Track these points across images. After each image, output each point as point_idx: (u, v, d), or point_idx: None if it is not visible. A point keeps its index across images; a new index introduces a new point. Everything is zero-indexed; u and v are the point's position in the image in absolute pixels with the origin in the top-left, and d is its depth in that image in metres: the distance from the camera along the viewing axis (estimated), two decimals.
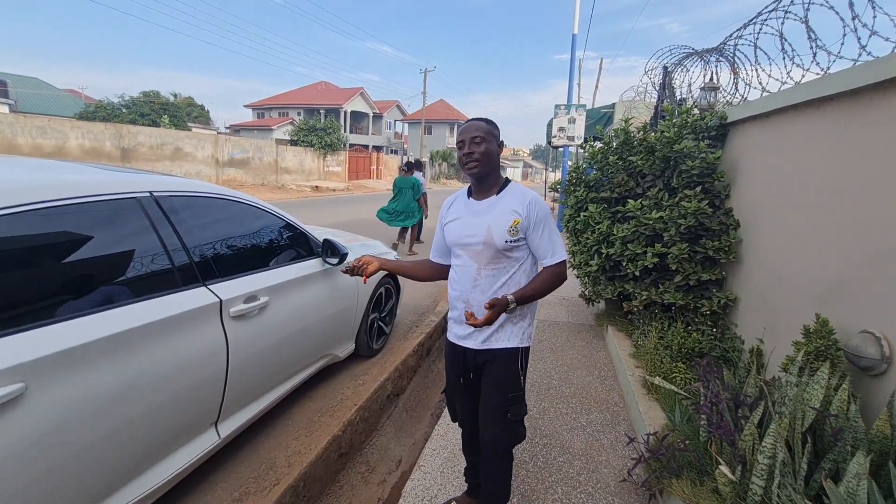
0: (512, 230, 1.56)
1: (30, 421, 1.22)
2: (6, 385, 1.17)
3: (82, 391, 1.35)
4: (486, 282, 1.60)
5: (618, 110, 10.85)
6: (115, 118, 19.32)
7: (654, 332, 3.11)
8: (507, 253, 1.58)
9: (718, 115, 3.35)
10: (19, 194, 1.34)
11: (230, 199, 2.17)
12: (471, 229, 1.61)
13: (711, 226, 3.15)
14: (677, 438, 1.97)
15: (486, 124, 1.59)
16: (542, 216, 1.60)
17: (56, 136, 13.68)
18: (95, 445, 1.40)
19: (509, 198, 1.61)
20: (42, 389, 1.25)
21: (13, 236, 1.31)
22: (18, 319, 1.27)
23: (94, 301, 1.46)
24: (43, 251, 1.40)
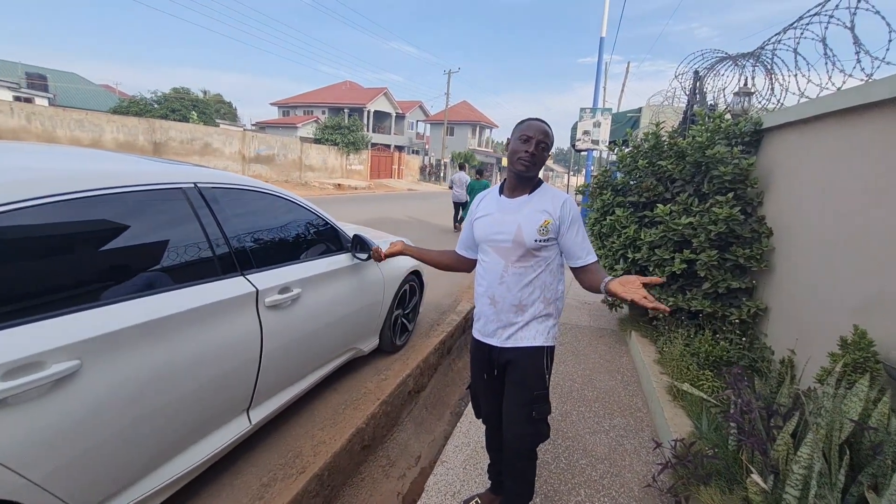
0: (542, 230, 1.57)
1: (84, 397, 1.29)
2: (65, 361, 1.23)
3: (130, 371, 1.41)
4: (512, 279, 1.61)
5: (644, 115, 10.70)
6: (147, 113, 19.93)
7: (680, 339, 3.07)
8: (535, 252, 1.59)
9: (753, 120, 3.29)
10: (81, 182, 1.42)
11: (267, 192, 2.23)
12: (501, 227, 1.62)
13: (743, 233, 3.09)
14: (705, 446, 1.94)
15: (551, 133, 1.62)
16: (576, 217, 1.61)
17: (93, 129, 14.20)
18: (140, 423, 1.47)
19: (540, 198, 1.63)
20: (95, 367, 1.31)
21: (72, 221, 1.39)
22: (75, 300, 1.34)
23: (142, 285, 1.53)
24: (97, 236, 1.47)
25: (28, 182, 1.30)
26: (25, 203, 1.25)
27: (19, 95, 20.31)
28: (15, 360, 1.14)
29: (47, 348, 1.20)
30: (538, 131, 1.57)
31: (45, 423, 1.20)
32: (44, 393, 1.20)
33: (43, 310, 1.25)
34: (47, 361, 1.20)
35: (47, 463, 1.21)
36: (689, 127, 3.86)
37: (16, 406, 1.15)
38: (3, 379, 1.11)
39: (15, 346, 1.15)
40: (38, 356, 1.18)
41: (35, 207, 1.27)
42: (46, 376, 1.18)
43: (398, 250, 2.12)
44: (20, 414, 1.15)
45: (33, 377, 1.16)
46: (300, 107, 38.37)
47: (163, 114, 20.49)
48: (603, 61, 12.05)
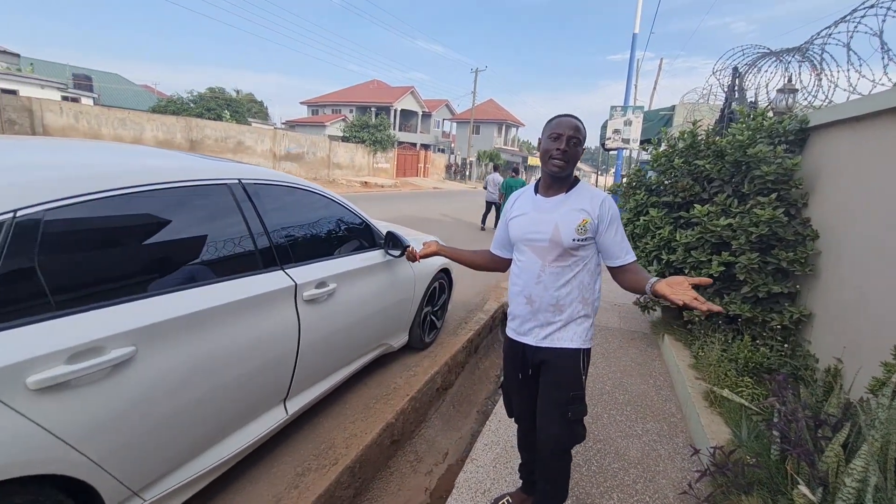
0: (580, 229, 1.54)
1: (137, 381, 1.35)
2: (122, 347, 1.30)
3: (179, 358, 1.47)
4: (549, 278, 1.59)
5: (678, 113, 10.40)
6: (184, 112, 20.65)
7: (717, 343, 2.98)
8: (573, 251, 1.57)
9: (799, 118, 3.15)
10: (136, 177, 1.48)
11: (305, 188, 2.28)
12: (537, 226, 1.60)
13: (786, 235, 2.97)
14: (746, 454, 1.89)
15: (582, 126, 1.57)
16: (615, 216, 1.58)
17: (134, 127, 14.82)
18: (187, 409, 1.53)
19: (578, 197, 1.59)
20: (149, 354, 1.38)
21: (127, 214, 1.46)
22: (130, 289, 1.41)
23: (190, 277, 1.59)
24: (149, 229, 1.54)
25: (91, 177, 1.37)
26: (87, 197, 1.32)
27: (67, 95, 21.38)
28: (79, 344, 1.21)
29: (107, 334, 1.27)
30: (568, 127, 1.53)
31: (103, 405, 1.27)
32: (103, 377, 1.26)
33: (102, 298, 1.32)
34: (107, 347, 1.26)
35: (105, 443, 1.28)
36: (729, 125, 3.73)
37: (78, 388, 1.21)
38: (68, 362, 1.18)
39: (79, 332, 1.22)
40: (99, 342, 1.25)
41: (95, 201, 1.34)
42: (106, 361, 1.25)
43: (433, 251, 2.12)
44: (82, 396, 1.22)
45: (95, 361, 1.22)
46: (329, 106, 38.99)
47: (198, 112, 21.18)
48: (635, 58, 11.78)
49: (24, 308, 1.16)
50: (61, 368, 1.16)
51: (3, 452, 1.05)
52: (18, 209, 1.18)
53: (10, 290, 1.14)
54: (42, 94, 17.47)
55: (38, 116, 12.82)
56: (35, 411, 1.12)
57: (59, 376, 1.15)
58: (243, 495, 1.93)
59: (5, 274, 1.12)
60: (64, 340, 1.18)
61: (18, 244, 1.16)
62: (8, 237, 1.14)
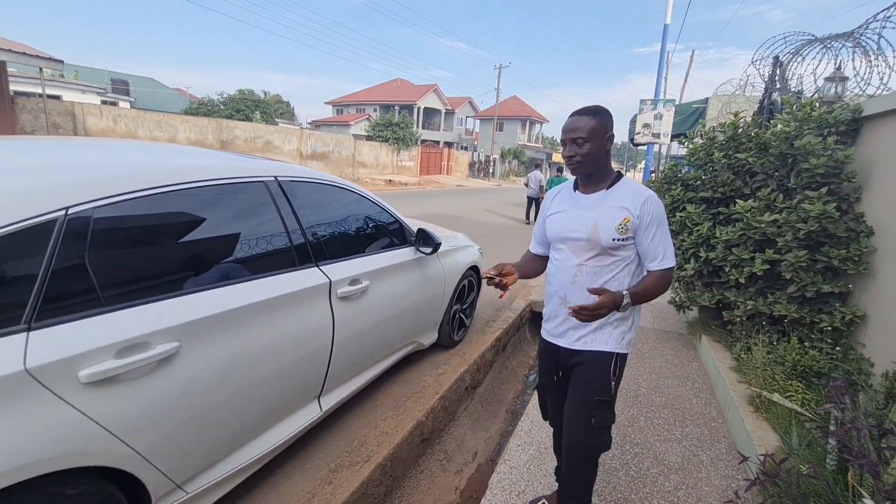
0: (621, 228, 1.45)
1: (181, 376, 1.37)
2: (167, 342, 1.32)
3: (220, 354, 1.49)
4: (586, 278, 1.51)
5: (712, 105, 10.02)
6: (215, 114, 21.26)
7: (761, 345, 2.84)
8: (612, 251, 1.49)
9: (851, 108, 2.97)
10: (176, 175, 1.51)
11: (338, 185, 2.29)
12: (575, 224, 1.53)
13: (836, 232, 2.81)
14: (799, 462, 1.78)
15: (591, 119, 1.44)
16: (657, 217, 1.47)
17: (168, 129, 15.34)
18: (227, 404, 1.55)
19: (620, 194, 1.50)
20: (192, 349, 1.40)
21: (168, 212, 1.48)
22: (173, 286, 1.43)
23: (230, 274, 1.60)
24: (190, 227, 1.56)
25: (137, 175, 1.40)
26: (134, 195, 1.35)
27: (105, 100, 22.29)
28: (127, 339, 1.23)
29: (153, 329, 1.29)
30: (569, 130, 1.47)
31: (150, 399, 1.29)
32: (149, 371, 1.28)
33: (148, 294, 1.34)
34: (153, 342, 1.29)
35: (150, 436, 1.31)
36: (775, 116, 3.56)
37: (125, 382, 1.24)
38: (117, 357, 1.20)
39: (127, 327, 1.24)
40: (146, 337, 1.27)
41: (141, 199, 1.37)
42: (153, 356, 1.27)
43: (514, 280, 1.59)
44: (129, 390, 1.25)
45: (142, 356, 1.25)
46: (353, 105, 39.42)
47: (228, 114, 21.78)
48: (666, 50, 11.43)
49: (76, 303, 1.19)
50: (111, 363, 1.18)
51: (58, 444, 1.08)
52: (70, 207, 1.21)
53: (63, 285, 1.16)
54: (83, 98, 18.26)
55: (80, 120, 13.41)
56: (87, 404, 1.14)
57: (108, 370, 1.17)
58: (278, 491, 1.95)
59: (58, 270, 1.15)
60: (113, 335, 1.21)
61: (70, 241, 1.18)
62: (60, 235, 1.17)
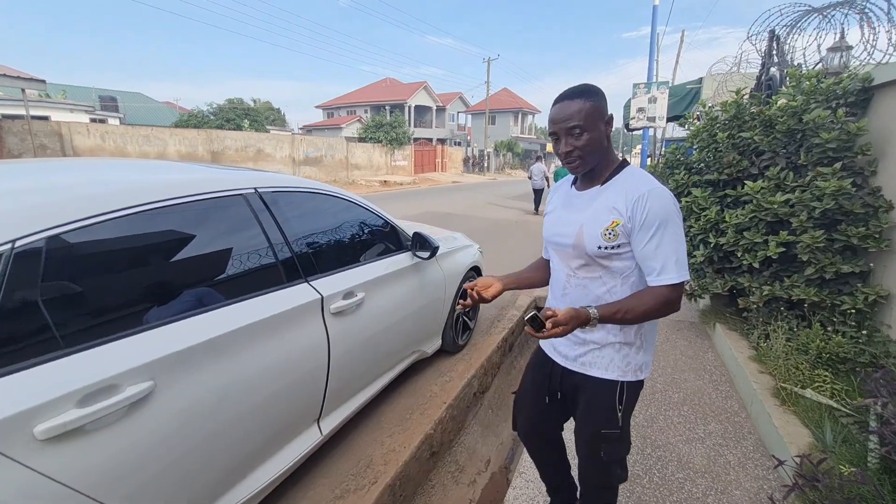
0: (608, 234, 1.19)
1: (158, 418, 1.24)
2: (139, 382, 1.18)
3: (202, 388, 1.36)
4: (576, 291, 1.30)
5: (707, 85, 9.85)
6: (205, 125, 21.06)
7: (781, 333, 2.71)
8: (601, 261, 1.24)
9: (861, 77, 2.83)
10: (139, 195, 1.36)
11: (325, 193, 2.15)
12: (563, 227, 1.32)
13: (853, 209, 2.67)
14: (838, 463, 1.65)
15: (583, 101, 1.17)
16: (655, 217, 1.15)
17: (158, 143, 15.18)
18: (214, 442, 1.41)
19: (615, 190, 1.23)
20: (169, 387, 1.26)
21: (134, 236, 1.34)
22: (144, 318, 1.29)
23: (209, 299, 1.47)
24: (160, 250, 1.43)
25: (90, 198, 1.25)
26: (89, 221, 1.21)
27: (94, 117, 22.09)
28: (91, 384, 1.09)
29: (122, 370, 1.15)
30: (562, 119, 1.19)
31: (122, 448, 1.16)
32: (120, 417, 1.15)
33: (114, 329, 1.20)
34: (121, 384, 1.15)
35: (125, 488, 1.17)
36: (779, 91, 3.41)
37: (93, 433, 1.10)
38: (79, 405, 1.07)
39: (90, 371, 1.11)
40: (112, 379, 1.13)
41: (98, 224, 1.23)
42: (123, 399, 1.13)
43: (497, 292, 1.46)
44: (97, 441, 1.11)
45: (110, 401, 1.11)
46: (343, 107, 39.21)
47: (218, 124, 21.59)
48: (656, 32, 11.24)
49: (27, 349, 1.05)
50: (72, 413, 1.05)
51: None
52: (17, 239, 1.07)
53: (9, 330, 1.03)
54: (71, 117, 18.09)
55: (67, 139, 13.24)
56: (46, 463, 1.01)
57: (69, 422, 1.03)
58: None
59: (3, 313, 1.01)
60: (73, 381, 1.07)
61: (17, 278, 1.05)
62: (6, 272, 1.03)
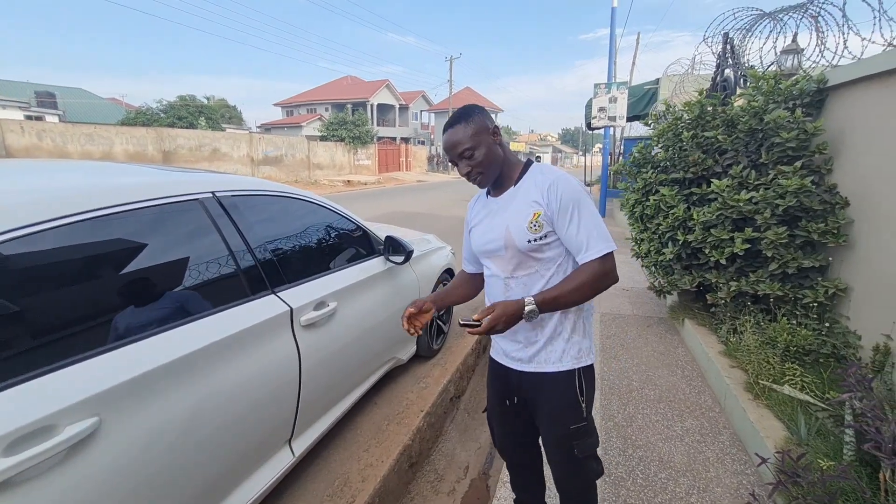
0: (533, 226, 1.22)
1: (106, 459, 1.08)
2: (80, 420, 1.02)
3: (158, 419, 1.20)
4: (516, 292, 1.29)
5: (663, 86, 10.21)
6: (155, 123, 19.89)
7: (749, 327, 2.78)
8: (534, 255, 1.25)
9: (816, 78, 2.94)
10: (69, 203, 1.19)
11: (290, 196, 2.00)
12: (489, 233, 1.31)
13: (812, 205, 2.77)
14: (816, 457, 1.68)
15: (465, 125, 1.23)
16: (568, 200, 1.20)
17: (103, 142, 14.20)
18: (173, 477, 1.26)
19: (528, 186, 1.26)
20: (117, 421, 1.11)
21: (71, 247, 1.17)
22: (86, 344, 1.13)
23: (163, 317, 1.31)
24: (103, 266, 1.26)
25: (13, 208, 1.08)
26: (11, 234, 1.04)
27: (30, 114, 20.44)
28: (18, 427, 0.93)
29: (59, 408, 0.99)
30: (451, 146, 1.25)
31: (66, 496, 1.00)
32: (57, 463, 0.99)
33: (50, 359, 1.04)
34: (59, 424, 0.99)
35: None
36: (742, 92, 3.52)
37: (24, 484, 0.94)
38: (5, 454, 0.90)
39: (18, 412, 0.94)
40: (47, 419, 0.97)
41: (22, 238, 1.06)
42: (61, 442, 0.97)
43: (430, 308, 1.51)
44: (30, 494, 0.95)
45: (45, 445, 0.95)
46: (303, 105, 38.18)
47: (170, 122, 20.45)
48: (615, 33, 11.54)
49: None
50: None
51: None
52: None
53: None
54: (4, 114, 16.65)
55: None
56: None
57: None
58: None
59: None
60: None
61: None
62: None
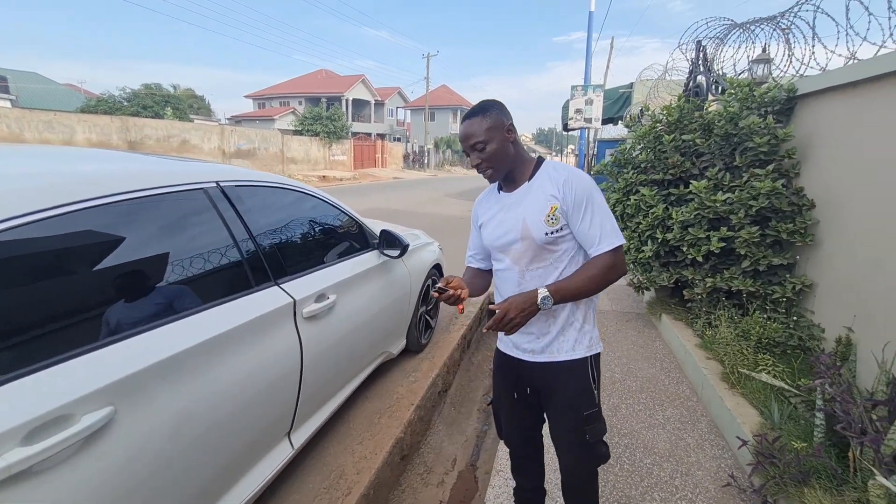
0: (551, 219, 1.28)
1: (121, 448, 1.07)
2: (97, 410, 1.01)
3: (168, 409, 1.19)
4: (531, 284, 1.33)
5: (637, 90, 10.53)
6: (117, 111, 18.99)
7: (724, 321, 2.94)
8: (550, 247, 1.31)
9: (786, 87, 3.13)
10: (82, 189, 1.16)
11: (290, 188, 1.99)
12: (505, 227, 1.36)
13: (781, 207, 2.95)
14: (790, 439, 1.81)
15: (482, 119, 1.29)
16: (583, 195, 1.28)
17: (63, 130, 13.48)
18: (181, 467, 1.25)
19: (542, 181, 1.33)
20: (131, 411, 1.09)
21: (82, 237, 1.14)
22: (98, 333, 1.11)
23: (172, 308, 1.29)
24: (114, 254, 1.23)
25: (34, 190, 1.05)
26: (22, 219, 1.01)
27: None
28: (38, 416, 0.91)
29: (76, 396, 0.98)
30: (466, 137, 1.31)
31: (79, 488, 0.98)
32: (75, 451, 0.97)
33: (65, 348, 1.02)
34: (76, 413, 0.97)
35: None
36: (718, 98, 3.69)
37: (43, 473, 0.92)
38: (24, 443, 0.89)
39: (36, 401, 0.92)
40: (65, 408, 0.95)
41: (32, 224, 1.03)
42: (77, 432, 0.96)
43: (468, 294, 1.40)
44: (50, 482, 0.93)
45: (63, 435, 0.93)
46: (276, 98, 37.28)
47: (134, 111, 19.58)
48: (592, 37, 11.81)
49: None
50: (15, 453, 0.87)
51: None
52: None
53: None
54: None
55: None
56: None
57: (13, 465, 0.85)
58: None
59: None
60: (15, 415, 0.89)
61: None
62: None
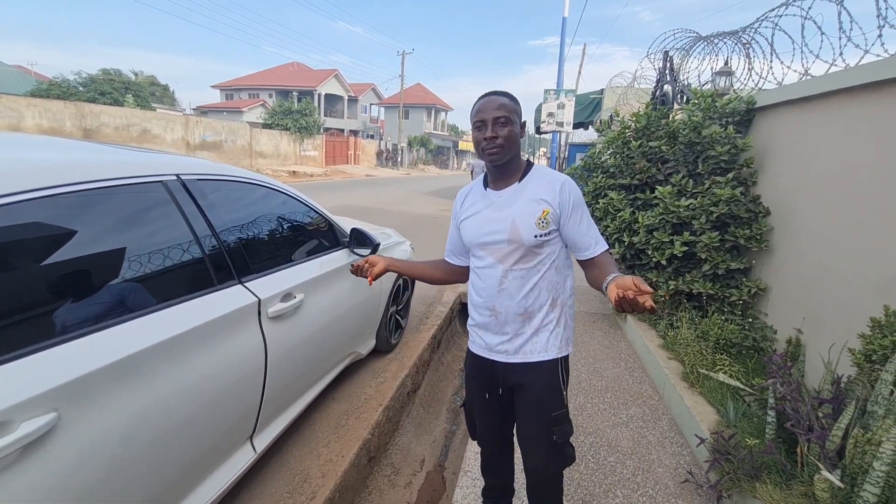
0: (541, 222, 1.31)
1: (65, 457, 1.00)
2: (38, 416, 0.94)
3: (119, 414, 1.13)
4: (513, 284, 1.36)
5: (607, 96, 10.81)
6: (72, 96, 17.95)
7: (685, 322, 3.05)
8: (536, 249, 1.34)
9: (746, 99, 3.27)
10: (27, 178, 1.09)
11: (257, 183, 1.93)
12: (492, 225, 1.37)
13: (740, 213, 3.09)
14: (744, 437, 1.89)
15: (509, 101, 1.32)
16: (579, 200, 1.35)
17: (10, 114, 12.62)
18: (133, 475, 1.19)
19: (535, 184, 1.36)
20: (77, 417, 1.03)
21: (28, 232, 1.07)
22: (44, 334, 1.03)
23: (127, 306, 1.22)
24: (62, 247, 1.16)
25: None
26: None
27: None
28: None
29: (14, 402, 0.91)
30: (491, 108, 1.30)
31: (21, 497, 0.91)
32: (14, 460, 0.90)
33: (2, 351, 0.94)
34: (15, 420, 0.90)
35: None
36: (683, 107, 3.83)
37: None
38: None
39: None
40: (2, 415, 0.88)
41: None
42: (17, 440, 0.89)
43: (381, 270, 1.63)
44: None
45: None
46: (245, 90, 36.19)
47: (90, 97, 18.56)
48: (565, 42, 12.03)
49: None
50: None
51: None
52: None
53: None
54: None
55: None
56: None
57: None
58: None
59: None
60: None
61: None
62: None
